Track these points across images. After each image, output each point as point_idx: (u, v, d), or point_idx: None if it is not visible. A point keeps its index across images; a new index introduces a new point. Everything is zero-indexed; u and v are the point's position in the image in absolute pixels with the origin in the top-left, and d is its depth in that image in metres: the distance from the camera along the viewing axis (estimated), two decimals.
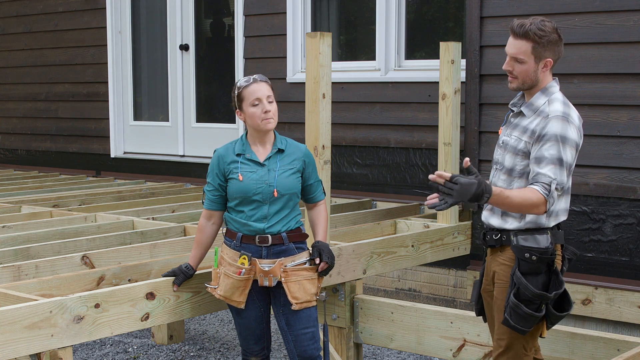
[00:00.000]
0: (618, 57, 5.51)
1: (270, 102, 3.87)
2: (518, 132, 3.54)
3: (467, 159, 3.33)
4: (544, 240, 3.48)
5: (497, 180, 3.60)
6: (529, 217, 3.48)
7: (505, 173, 3.56)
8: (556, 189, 3.37)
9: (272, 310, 4.05)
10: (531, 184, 3.40)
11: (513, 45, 3.54)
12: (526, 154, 3.48)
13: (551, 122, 3.41)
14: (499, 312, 3.56)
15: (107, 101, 8.80)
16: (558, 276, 3.49)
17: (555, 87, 3.55)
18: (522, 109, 3.56)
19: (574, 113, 3.49)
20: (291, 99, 7.06)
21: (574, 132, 3.43)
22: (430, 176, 3.29)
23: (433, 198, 3.48)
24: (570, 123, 3.42)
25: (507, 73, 3.59)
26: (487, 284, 3.72)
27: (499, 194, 3.33)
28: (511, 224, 3.53)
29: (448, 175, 3.25)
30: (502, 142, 3.62)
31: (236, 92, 3.89)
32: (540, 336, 3.62)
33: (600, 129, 5.51)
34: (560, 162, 3.38)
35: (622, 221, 5.52)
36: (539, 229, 3.50)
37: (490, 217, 3.62)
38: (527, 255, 3.44)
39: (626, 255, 5.52)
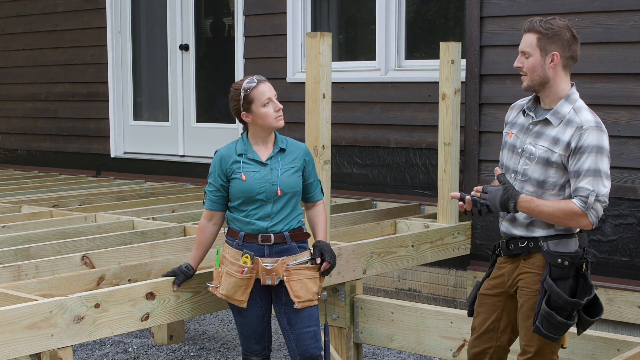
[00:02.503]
0: (618, 57, 5.51)
1: (277, 100, 3.91)
2: (546, 142, 3.48)
3: (496, 168, 3.57)
4: (573, 244, 3.49)
5: (522, 192, 3.53)
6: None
7: (535, 185, 3.50)
8: (598, 200, 3.37)
9: (273, 310, 4.06)
10: (572, 198, 3.42)
11: (522, 41, 3.53)
12: (560, 166, 3.45)
13: (587, 133, 3.39)
14: (524, 319, 3.54)
15: (107, 101, 8.80)
16: (587, 280, 3.49)
17: (576, 94, 3.52)
18: (547, 116, 3.50)
19: (600, 120, 3.48)
20: (291, 99, 7.05)
21: (607, 141, 3.43)
22: (452, 194, 3.67)
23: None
24: (604, 132, 3.43)
25: (520, 72, 3.55)
26: (492, 288, 3.69)
27: (529, 201, 3.44)
28: (540, 232, 3.51)
29: (480, 187, 3.57)
30: (523, 151, 3.55)
31: (242, 94, 3.87)
32: (562, 347, 3.61)
33: None
34: (598, 173, 3.37)
35: (622, 221, 5.52)
36: (567, 234, 3.50)
37: (513, 229, 3.58)
38: (559, 260, 3.43)
39: (626, 255, 5.52)
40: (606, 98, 5.54)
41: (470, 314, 3.83)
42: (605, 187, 3.39)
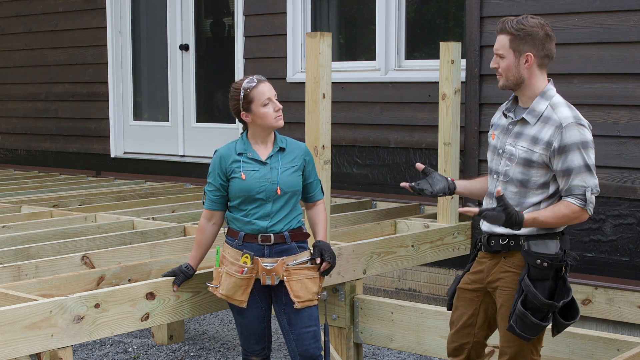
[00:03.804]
0: (618, 57, 5.51)
1: (276, 100, 3.91)
2: (525, 142, 3.48)
3: (498, 189, 3.39)
4: (553, 246, 3.47)
5: (505, 193, 3.52)
6: None
7: (517, 186, 3.50)
8: (592, 192, 3.42)
9: (273, 310, 4.06)
10: (565, 196, 3.43)
11: (496, 42, 3.54)
12: (542, 165, 3.45)
13: (567, 130, 3.39)
14: (503, 319, 3.54)
15: (107, 101, 8.80)
16: (565, 283, 3.48)
17: (552, 89, 3.52)
18: (524, 116, 3.51)
19: (579, 113, 3.49)
20: (291, 99, 7.06)
21: (589, 133, 3.44)
22: (460, 210, 3.50)
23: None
24: (583, 126, 3.42)
25: (495, 71, 3.58)
26: (471, 283, 3.68)
27: (533, 221, 3.41)
28: (521, 230, 3.49)
29: (476, 210, 3.43)
30: (504, 152, 3.55)
31: (242, 94, 3.87)
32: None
33: (600, 129, 5.50)
34: (587, 168, 3.40)
35: (622, 221, 5.52)
36: (549, 234, 3.49)
37: (495, 227, 3.57)
38: (538, 261, 3.42)
39: (626, 255, 5.52)
40: (606, 98, 5.54)
41: (450, 307, 3.83)
42: (595, 179, 3.44)
